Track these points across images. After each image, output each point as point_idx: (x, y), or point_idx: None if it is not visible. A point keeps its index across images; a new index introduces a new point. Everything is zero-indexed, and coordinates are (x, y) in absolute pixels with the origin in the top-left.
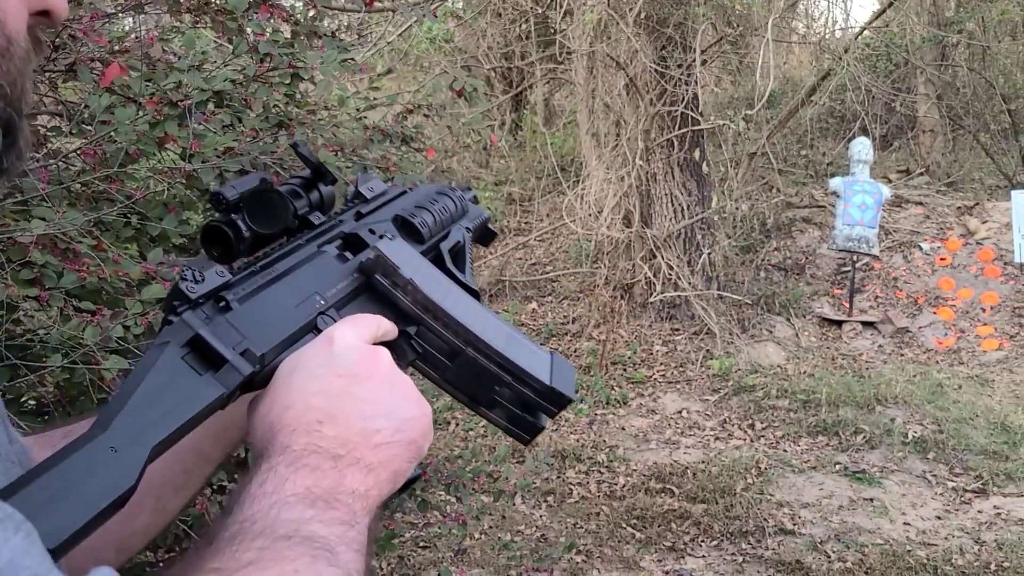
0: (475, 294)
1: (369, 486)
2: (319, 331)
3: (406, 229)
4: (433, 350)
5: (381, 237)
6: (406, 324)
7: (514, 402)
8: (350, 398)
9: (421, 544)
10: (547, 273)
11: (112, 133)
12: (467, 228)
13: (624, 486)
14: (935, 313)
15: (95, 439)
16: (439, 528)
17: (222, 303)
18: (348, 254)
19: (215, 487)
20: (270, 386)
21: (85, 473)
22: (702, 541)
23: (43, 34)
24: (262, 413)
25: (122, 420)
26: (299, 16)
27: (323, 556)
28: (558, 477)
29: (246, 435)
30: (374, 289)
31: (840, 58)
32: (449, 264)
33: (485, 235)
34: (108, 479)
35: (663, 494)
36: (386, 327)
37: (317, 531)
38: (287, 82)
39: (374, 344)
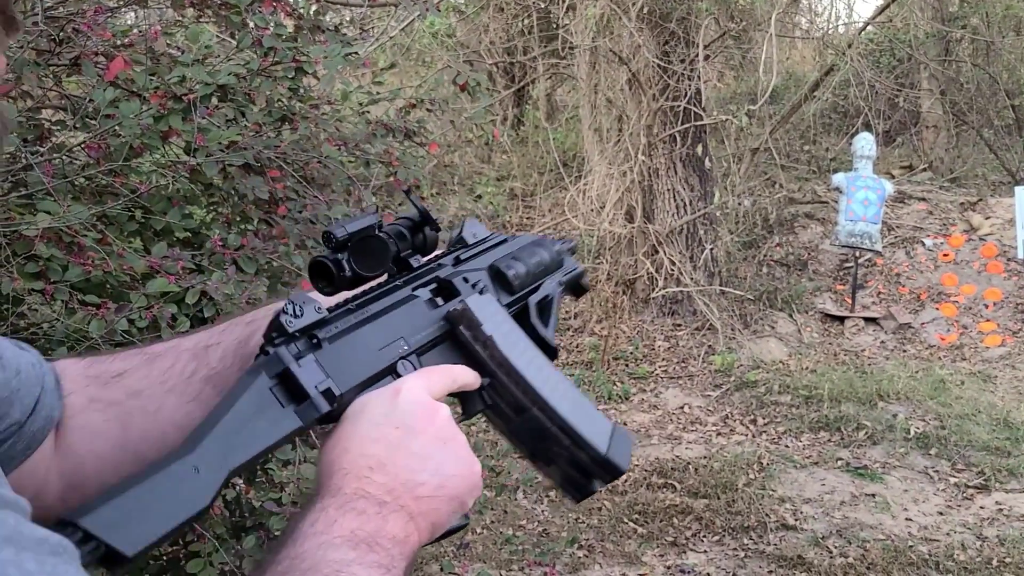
0: (553, 351)
1: (409, 532)
2: (397, 374)
3: (499, 279)
4: (502, 403)
5: (474, 286)
6: (481, 376)
7: (570, 464)
8: (402, 450)
9: None
10: None
11: (116, 127)
12: (559, 282)
13: (626, 481)
14: (938, 309)
15: (183, 459)
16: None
17: (314, 340)
18: (440, 299)
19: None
20: (339, 424)
21: (170, 490)
22: (704, 536)
23: (15, 11)
24: (327, 449)
25: (209, 443)
26: (302, 10)
27: None
28: None
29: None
30: (456, 339)
31: (843, 53)
32: (534, 317)
33: (577, 288)
34: (188, 497)
35: (665, 489)
36: (465, 380)
37: (357, 573)
38: (291, 76)
39: (451, 394)
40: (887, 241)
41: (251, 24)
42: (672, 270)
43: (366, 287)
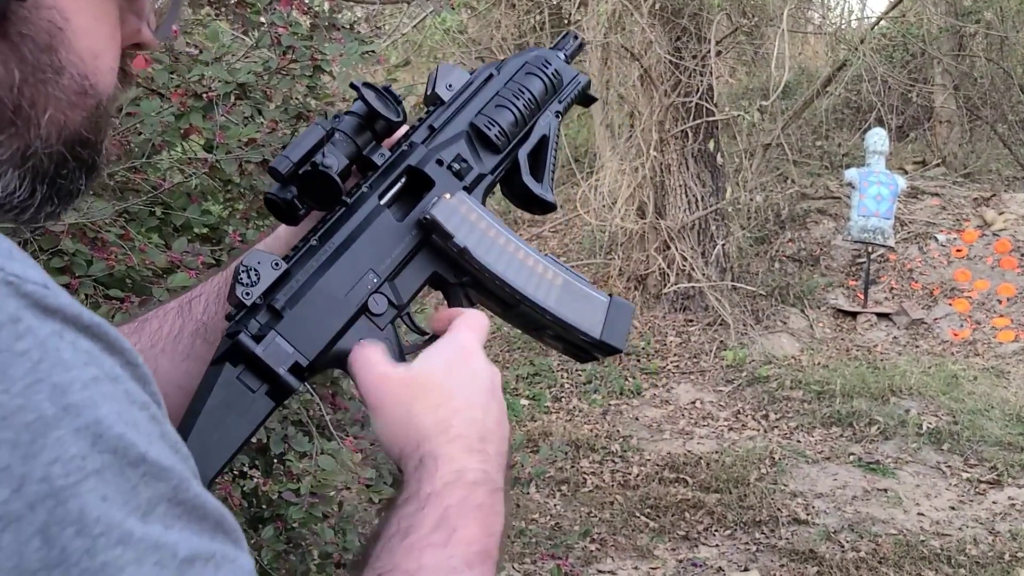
0: (550, 206)
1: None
2: (371, 313)
3: (481, 141)
4: (489, 301)
5: (450, 167)
6: (462, 275)
7: (568, 344)
8: (491, 416)
9: None
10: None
11: (138, 125)
12: (558, 112)
13: (638, 476)
14: (951, 305)
15: None
16: None
17: (274, 308)
18: (410, 200)
19: (236, 472)
20: (413, 382)
21: None
22: (716, 530)
23: (130, 65)
24: (413, 413)
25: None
26: (317, 9)
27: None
28: (572, 466)
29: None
30: (432, 245)
31: (856, 48)
32: (525, 175)
33: (584, 100)
34: None
35: (677, 484)
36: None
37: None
38: (309, 74)
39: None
40: (900, 236)
41: (269, 22)
42: (684, 266)
43: (328, 215)
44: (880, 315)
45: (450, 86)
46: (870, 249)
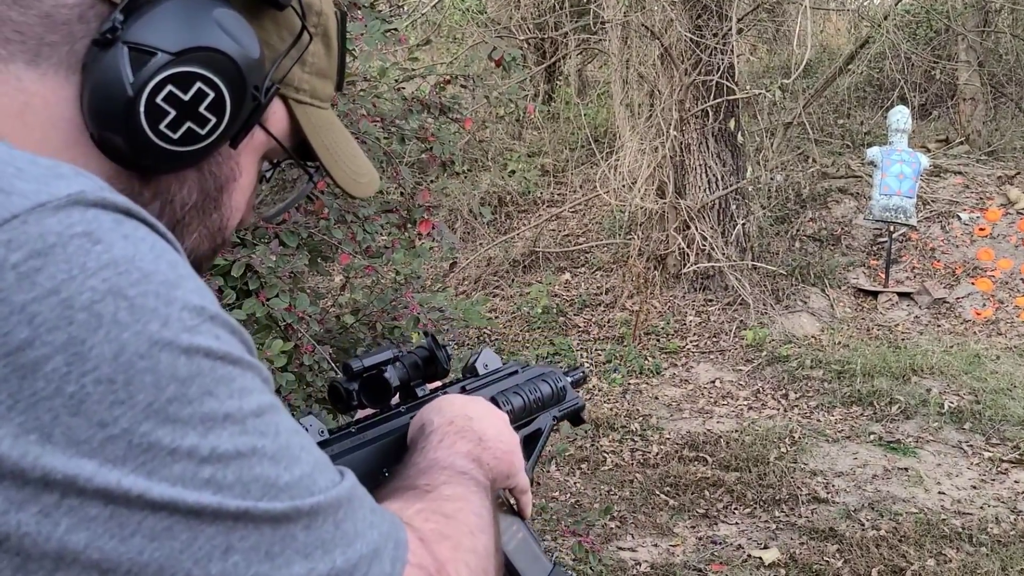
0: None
1: (492, 469)
2: None
3: None
4: None
5: None
6: None
7: None
8: (488, 419)
9: None
10: (580, 244)
11: None
12: (555, 416)
13: (657, 454)
14: (973, 284)
15: None
16: None
17: None
18: None
19: None
20: (428, 404)
21: None
22: (735, 508)
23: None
24: (427, 409)
25: None
26: None
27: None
28: (592, 445)
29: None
30: None
31: (879, 25)
32: None
33: (575, 419)
34: None
35: (696, 462)
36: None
37: (478, 477)
38: None
39: None
40: (922, 215)
41: None
42: (704, 245)
43: (370, 414)
44: (901, 295)
45: (486, 366)
46: (892, 228)
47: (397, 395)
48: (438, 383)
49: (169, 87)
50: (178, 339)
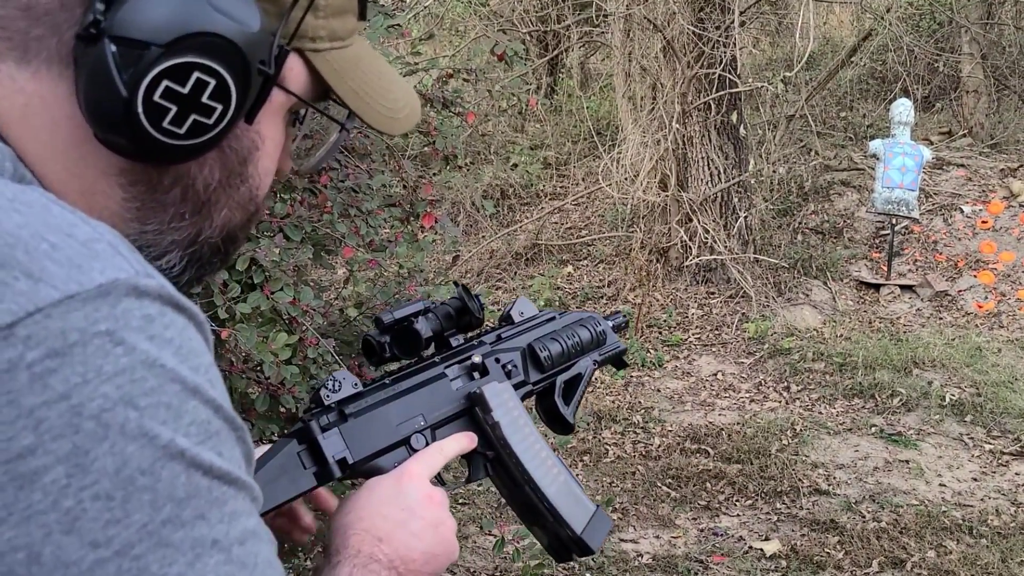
0: (569, 427)
1: None
2: (411, 446)
3: (533, 358)
4: (501, 476)
5: (504, 366)
6: (488, 449)
7: (551, 535)
8: (404, 529)
9: (460, 501)
10: (583, 237)
11: None
12: (595, 360)
13: (659, 446)
14: (975, 276)
15: None
16: (478, 485)
17: (344, 413)
18: (476, 374)
19: None
20: (359, 492)
21: None
22: (737, 500)
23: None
24: (344, 511)
25: None
26: None
27: None
28: (594, 437)
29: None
30: (473, 415)
31: (882, 18)
32: (557, 396)
33: (617, 363)
34: None
35: (698, 455)
36: (453, 449)
37: None
38: None
39: (449, 460)
40: (924, 208)
41: None
42: (706, 238)
43: (405, 363)
44: (904, 287)
45: (522, 313)
46: (894, 221)
47: (432, 346)
48: (476, 332)
49: (165, 82)
50: (182, 455)
